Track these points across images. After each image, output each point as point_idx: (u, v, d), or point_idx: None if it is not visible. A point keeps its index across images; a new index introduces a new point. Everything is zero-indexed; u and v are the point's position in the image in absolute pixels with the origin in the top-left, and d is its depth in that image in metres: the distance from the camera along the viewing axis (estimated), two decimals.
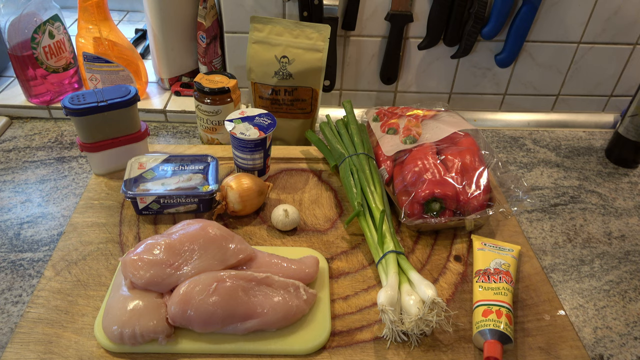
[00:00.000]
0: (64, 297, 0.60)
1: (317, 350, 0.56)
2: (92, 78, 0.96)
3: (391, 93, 1.05)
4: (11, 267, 0.66)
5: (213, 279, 0.55)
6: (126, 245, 0.68)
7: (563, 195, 0.86)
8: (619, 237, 0.78)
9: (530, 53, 1.00)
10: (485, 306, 0.59)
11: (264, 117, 0.76)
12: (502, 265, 0.64)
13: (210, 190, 0.70)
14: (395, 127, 0.81)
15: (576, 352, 0.58)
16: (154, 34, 0.95)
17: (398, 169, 0.75)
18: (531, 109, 1.09)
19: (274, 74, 0.85)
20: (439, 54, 0.99)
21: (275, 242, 0.70)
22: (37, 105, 0.95)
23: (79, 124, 0.73)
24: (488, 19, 0.93)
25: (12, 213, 0.74)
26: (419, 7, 0.92)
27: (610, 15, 0.95)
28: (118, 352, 0.54)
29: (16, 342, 0.55)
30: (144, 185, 0.71)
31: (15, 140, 0.90)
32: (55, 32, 0.91)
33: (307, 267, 0.62)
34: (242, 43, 0.93)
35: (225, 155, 0.84)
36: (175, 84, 1.02)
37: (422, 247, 0.70)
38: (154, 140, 0.94)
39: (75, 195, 0.78)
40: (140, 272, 0.55)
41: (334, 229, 0.73)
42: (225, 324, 0.55)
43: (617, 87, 1.06)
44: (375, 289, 0.64)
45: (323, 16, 0.89)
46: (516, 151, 0.97)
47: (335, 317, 0.60)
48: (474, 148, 0.75)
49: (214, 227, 0.61)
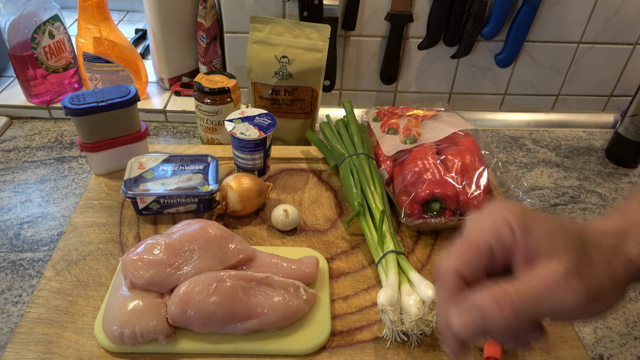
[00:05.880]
0: (64, 297, 0.60)
1: (317, 350, 0.56)
2: (92, 78, 0.96)
3: (391, 93, 1.05)
4: (11, 267, 0.66)
5: (213, 279, 0.55)
6: (126, 245, 0.68)
7: (563, 195, 0.86)
8: None
9: (530, 53, 1.00)
10: None
11: (264, 117, 0.76)
12: None
13: (210, 190, 0.70)
14: (395, 127, 0.81)
15: (576, 352, 0.58)
16: (154, 34, 0.95)
17: (398, 169, 0.75)
18: (531, 109, 1.09)
19: (274, 74, 0.85)
20: (439, 54, 0.99)
21: (275, 242, 0.70)
22: (37, 105, 0.95)
23: (79, 124, 0.73)
24: (488, 19, 0.93)
25: (12, 213, 0.74)
26: (419, 7, 0.92)
27: (610, 15, 0.95)
28: (118, 352, 0.54)
29: (16, 342, 0.55)
30: (144, 185, 0.71)
31: (15, 140, 0.90)
32: (55, 32, 0.91)
33: (307, 267, 0.62)
34: (242, 43, 0.93)
35: (225, 155, 0.84)
36: (175, 84, 1.02)
37: (422, 247, 0.70)
38: (154, 140, 0.94)
39: (75, 195, 0.78)
40: (140, 272, 0.55)
41: (334, 229, 0.73)
42: (225, 324, 0.55)
43: (617, 87, 1.06)
44: (375, 289, 0.64)
45: (323, 16, 0.89)
46: (516, 151, 0.97)
47: (335, 317, 0.60)
48: (474, 148, 0.75)
49: (214, 227, 0.61)
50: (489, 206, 0.40)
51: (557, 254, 0.35)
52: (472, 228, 0.39)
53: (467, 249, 0.38)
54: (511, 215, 0.37)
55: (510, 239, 0.37)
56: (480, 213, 0.40)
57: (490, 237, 0.37)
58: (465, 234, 0.39)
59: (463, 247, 0.38)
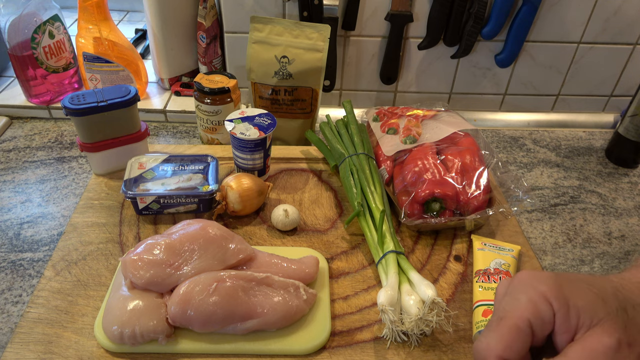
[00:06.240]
0: (64, 297, 0.60)
1: (317, 350, 0.56)
2: (92, 78, 0.96)
3: (391, 93, 1.05)
4: (11, 267, 0.66)
5: (213, 279, 0.55)
6: (126, 245, 0.68)
7: (563, 195, 0.86)
8: (619, 237, 0.78)
9: (530, 53, 1.00)
10: (485, 306, 0.59)
11: (264, 117, 0.76)
12: (502, 266, 0.64)
13: (210, 190, 0.70)
14: (395, 127, 0.81)
15: None
16: (154, 34, 0.95)
17: (398, 169, 0.75)
18: (531, 109, 1.09)
19: (274, 74, 0.85)
20: (439, 54, 0.99)
21: (275, 242, 0.70)
22: (37, 105, 0.95)
23: (79, 124, 0.73)
24: (488, 19, 0.93)
25: (12, 213, 0.74)
26: (419, 7, 0.92)
27: (610, 15, 0.95)
28: (118, 352, 0.54)
29: (16, 342, 0.55)
30: (144, 185, 0.71)
31: (15, 140, 0.90)
32: (55, 32, 0.91)
33: (307, 267, 0.62)
34: (242, 43, 0.93)
35: (225, 155, 0.84)
36: (175, 84, 1.02)
37: (422, 247, 0.70)
38: (154, 140, 0.94)
39: (75, 195, 0.78)
40: (140, 272, 0.55)
41: (334, 229, 0.73)
42: (225, 324, 0.55)
43: (617, 87, 1.06)
44: (375, 289, 0.64)
45: (323, 16, 0.89)
46: (516, 151, 0.97)
47: (335, 317, 0.60)
48: (474, 148, 0.75)
49: (214, 227, 0.61)
50: (519, 276, 0.39)
51: (601, 324, 0.34)
52: (507, 305, 0.38)
53: (508, 331, 0.36)
54: (546, 287, 0.36)
55: (549, 315, 0.36)
56: (511, 284, 0.39)
57: (529, 314, 0.36)
58: (500, 313, 0.38)
59: (503, 329, 0.36)
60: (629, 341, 0.34)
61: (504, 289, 0.40)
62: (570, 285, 0.36)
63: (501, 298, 0.39)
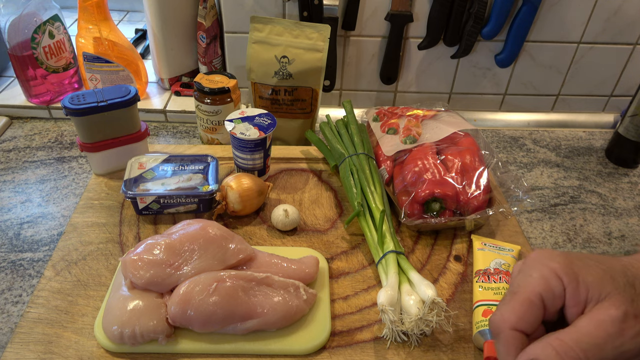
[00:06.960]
0: (64, 297, 0.60)
1: (317, 350, 0.56)
2: (92, 78, 0.96)
3: (391, 93, 1.05)
4: (11, 267, 0.66)
5: (213, 279, 0.55)
6: (126, 245, 0.68)
7: (563, 195, 0.86)
8: (619, 237, 0.78)
9: (530, 53, 1.00)
10: (485, 306, 0.59)
11: (264, 117, 0.76)
12: (502, 265, 0.64)
13: (210, 190, 0.70)
14: (395, 127, 0.81)
15: None
16: (154, 34, 0.95)
17: (398, 169, 0.75)
18: (531, 109, 1.09)
19: (274, 74, 0.85)
20: (439, 54, 0.99)
21: (275, 242, 0.70)
22: (37, 105, 0.95)
23: (79, 124, 0.73)
24: (488, 19, 0.93)
25: (12, 213, 0.74)
26: (419, 7, 0.92)
27: (610, 15, 0.95)
28: (118, 352, 0.54)
29: (16, 342, 0.55)
30: (144, 185, 0.71)
31: (15, 140, 0.90)
32: (55, 32, 0.91)
33: (307, 267, 0.62)
34: (242, 43, 0.93)
35: (225, 155, 0.84)
36: (175, 84, 1.02)
37: (422, 247, 0.70)
38: (154, 140, 0.94)
39: (75, 195, 0.78)
40: (140, 272, 0.55)
41: (334, 229, 0.73)
42: (225, 324, 0.55)
43: (617, 87, 1.06)
44: (375, 289, 0.64)
45: (323, 16, 0.89)
46: (516, 151, 0.97)
47: (335, 317, 0.60)
48: (474, 148, 0.75)
49: (214, 227, 0.61)
50: (532, 255, 0.41)
51: (609, 298, 0.36)
52: (520, 281, 0.40)
53: (521, 303, 0.39)
54: (557, 264, 0.39)
55: (560, 289, 0.38)
56: (524, 264, 0.41)
57: (541, 289, 0.38)
58: (514, 288, 0.40)
59: (516, 302, 0.39)
60: (636, 313, 0.35)
61: (518, 267, 0.42)
62: (580, 262, 0.39)
63: (515, 275, 0.41)
